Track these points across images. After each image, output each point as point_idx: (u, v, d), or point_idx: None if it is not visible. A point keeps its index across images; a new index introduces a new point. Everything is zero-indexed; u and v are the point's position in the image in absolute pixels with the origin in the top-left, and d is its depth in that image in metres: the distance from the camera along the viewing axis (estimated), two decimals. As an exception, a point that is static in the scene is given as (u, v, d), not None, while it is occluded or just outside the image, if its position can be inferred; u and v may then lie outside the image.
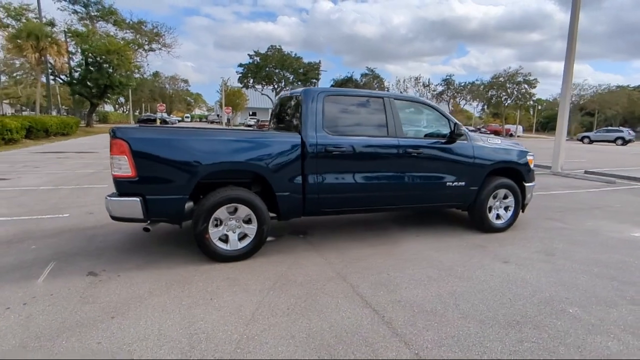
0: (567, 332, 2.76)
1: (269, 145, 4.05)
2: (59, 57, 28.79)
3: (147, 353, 2.41)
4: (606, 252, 4.49)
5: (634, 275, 3.83)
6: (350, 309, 3.05)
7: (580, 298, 3.30)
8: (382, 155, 4.49)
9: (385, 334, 2.69)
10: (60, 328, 2.67)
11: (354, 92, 4.88)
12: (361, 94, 4.80)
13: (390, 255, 4.30)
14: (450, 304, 3.15)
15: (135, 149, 3.57)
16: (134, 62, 37.80)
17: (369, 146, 4.42)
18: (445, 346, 2.56)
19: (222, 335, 2.63)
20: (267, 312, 2.96)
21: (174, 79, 73.87)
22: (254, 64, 29.48)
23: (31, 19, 30.70)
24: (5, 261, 3.88)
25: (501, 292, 3.40)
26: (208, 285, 3.43)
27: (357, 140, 4.37)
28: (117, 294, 3.22)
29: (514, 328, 2.80)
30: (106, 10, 35.88)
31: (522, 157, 5.30)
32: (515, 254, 4.39)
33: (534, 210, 6.61)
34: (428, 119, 5.02)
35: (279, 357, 2.41)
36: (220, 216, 3.91)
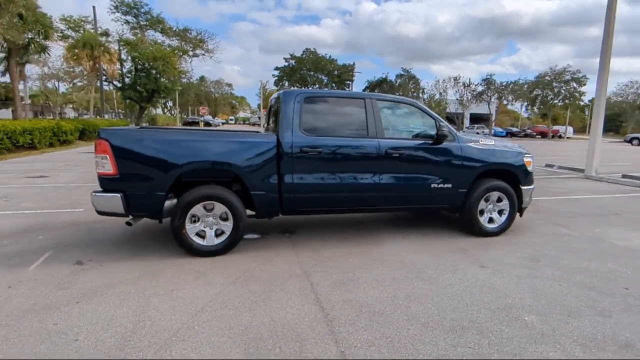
0: (510, 339, 2.65)
1: (244, 145, 4.20)
2: (111, 65, 30.95)
3: (91, 335, 2.62)
4: (600, 261, 4.19)
5: (618, 286, 3.56)
6: (298, 305, 3.11)
7: (543, 306, 3.13)
8: (361, 156, 4.49)
9: (321, 332, 2.73)
10: (29, 309, 2.97)
11: (334, 94, 4.93)
12: (342, 95, 4.86)
13: (366, 255, 4.29)
14: (401, 306, 3.12)
15: (116, 148, 3.86)
16: (179, 67, 39.79)
17: (346, 147, 4.45)
18: (375, 346, 2.56)
19: (165, 324, 2.79)
20: (217, 305, 3.10)
21: (219, 83, 76.88)
22: (289, 67, 30.06)
23: (89, 30, 33.36)
24: (12, 249, 4.32)
25: (461, 296, 3.31)
26: (176, 277, 3.63)
27: (333, 141, 4.41)
28: (91, 281, 3.50)
29: (456, 333, 2.73)
30: (154, 20, 38.06)
31: (517, 159, 5.05)
32: (497, 258, 4.22)
33: (543, 215, 6.26)
34: (415, 119, 4.93)
35: (207, 346, 2.53)
36: (197, 213, 4.11)
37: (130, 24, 38.46)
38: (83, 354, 2.42)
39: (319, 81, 30.40)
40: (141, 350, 2.46)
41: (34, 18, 19.87)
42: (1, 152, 14.05)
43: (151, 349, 2.48)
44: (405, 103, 5.02)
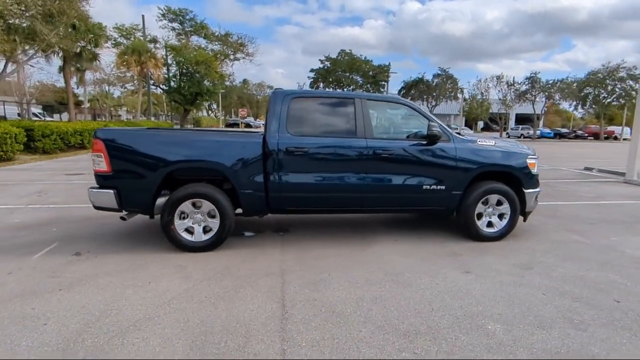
0: (463, 347, 2.54)
1: (231, 145, 4.32)
2: (156, 69, 32.65)
3: (59, 321, 2.82)
4: (602, 271, 3.87)
5: (609, 298, 3.27)
6: (261, 303, 3.15)
7: (514, 316, 2.95)
8: (348, 156, 4.45)
9: (271, 329, 2.75)
10: (17, 294, 3.24)
11: (323, 94, 4.93)
12: (331, 95, 4.83)
13: (350, 256, 4.25)
14: (363, 308, 3.07)
15: (110, 148, 4.11)
16: (220, 71, 41.29)
17: (333, 147, 4.43)
18: (318, 346, 2.55)
19: (130, 314, 2.94)
20: (185, 298, 3.21)
21: (260, 85, 78.75)
22: (324, 69, 30.19)
23: (139, 38, 35.52)
24: (26, 239, 4.72)
25: (430, 301, 3.20)
26: (158, 270, 3.80)
27: (319, 141, 4.41)
28: (81, 271, 3.75)
29: (407, 337, 2.65)
30: (198, 26, 39.82)
31: (519, 160, 4.77)
32: (487, 264, 4.02)
33: (560, 220, 5.87)
34: (408, 119, 4.81)
35: (157, 337, 2.64)
36: (185, 210, 4.28)
37: (176, 31, 40.56)
38: (45, 337, 2.61)
39: (353, 82, 30.25)
40: (96, 337, 2.62)
41: (85, 28, 21.47)
42: (54, 151, 15.31)
43: (106, 337, 2.62)
44: (398, 103, 4.91)
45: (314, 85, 31.86)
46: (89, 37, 21.82)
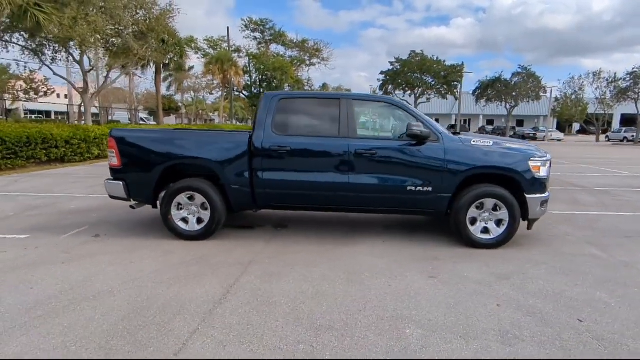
0: (364, 346, 2.50)
1: (219, 143, 4.67)
2: (237, 77, 35.19)
3: (42, 287, 3.37)
4: (592, 289, 3.39)
5: (573, 317, 2.88)
6: (210, 287, 3.40)
7: (443, 323, 2.78)
8: (330, 155, 4.50)
9: (201, 310, 2.98)
10: (29, 264, 3.93)
11: (309, 95, 5.06)
12: (317, 95, 4.96)
13: (325, 254, 4.30)
14: (297, 301, 3.14)
15: (120, 145, 4.74)
16: (296, 76, 42.99)
17: (314, 146, 4.52)
18: (229, 330, 2.71)
19: (97, 286, 3.41)
20: (149, 278, 3.59)
21: (339, 89, 79.93)
22: (393, 71, 29.60)
23: (224, 48, 38.67)
24: (68, 222, 5.62)
25: (368, 301, 3.15)
26: (147, 253, 4.27)
27: (301, 140, 4.54)
28: (88, 250, 4.39)
29: (316, 332, 2.68)
30: (277, 34, 41.94)
31: (517, 161, 4.35)
32: (459, 271, 3.78)
33: (590, 231, 5.21)
34: (397, 119, 4.68)
35: (99, 309, 3.04)
36: (181, 201, 4.73)
37: (257, 40, 43.23)
38: (25, 298, 3.17)
39: (423, 83, 29.15)
40: (59, 302, 3.10)
41: (173, 41, 24.11)
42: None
43: (66, 303, 3.09)
44: (386, 102, 4.80)
45: (383, 88, 31.49)
46: (176, 50, 24.49)
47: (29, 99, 40.47)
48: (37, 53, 18.81)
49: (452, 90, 29.13)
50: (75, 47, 16.92)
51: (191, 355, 2.42)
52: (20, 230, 5.14)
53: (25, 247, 4.46)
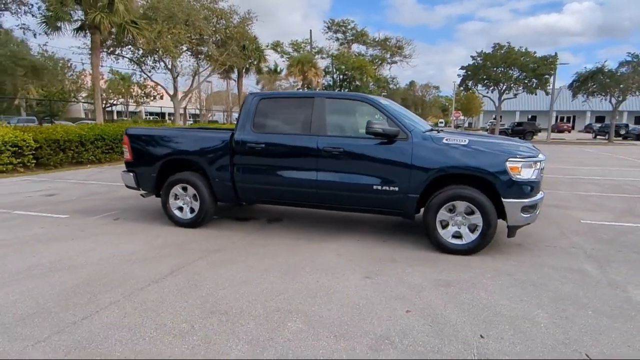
0: (237, 331, 2.63)
1: (205, 140, 5.09)
2: (316, 77, 36.24)
3: (39, 257, 4.12)
4: (539, 306, 2.98)
5: (476, 331, 2.61)
6: (159, 268, 3.77)
7: (330, 322, 2.76)
8: (300, 152, 4.60)
9: (138, 287, 3.38)
10: (46, 239, 4.78)
11: (288, 94, 5.19)
12: (294, 95, 5.07)
13: (291, 249, 4.40)
14: (218, 287, 3.37)
15: (131, 141, 5.46)
16: (378, 75, 42.59)
17: (285, 143, 4.67)
18: (142, 305, 3.06)
19: (80, 259, 4.04)
20: (121, 258, 4.10)
21: (427, 86, 76.96)
22: (473, 65, 27.35)
23: (308, 51, 40.16)
24: (105, 206, 6.58)
25: (277, 293, 3.24)
26: (141, 237, 4.86)
27: (274, 138, 4.72)
28: (100, 230, 5.16)
29: (207, 315, 2.88)
30: (359, 33, 42.04)
31: (491, 162, 3.93)
32: (402, 275, 3.61)
33: (600, 244, 4.47)
34: (370, 117, 4.55)
35: (68, 276, 3.63)
36: (177, 192, 5.28)
37: (339, 40, 43.83)
38: (22, 264, 3.93)
39: (507, 77, 26.35)
40: (42, 269, 3.78)
41: (253, 47, 25.86)
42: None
43: (44, 270, 3.76)
44: (359, 100, 4.69)
45: (463, 84, 29.37)
46: (255, 55, 26.25)
47: (144, 102, 46.97)
48: (138, 63, 21.81)
49: (543, 84, 26.00)
50: (164, 56, 19.22)
51: (93, 320, 2.81)
52: (66, 211, 6.22)
53: (58, 224, 5.42)
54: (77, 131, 12.73)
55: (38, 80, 33.71)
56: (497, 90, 27.83)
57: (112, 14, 15.28)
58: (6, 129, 11.43)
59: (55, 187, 8.54)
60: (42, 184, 8.89)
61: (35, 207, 6.51)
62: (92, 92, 47.39)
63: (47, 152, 11.62)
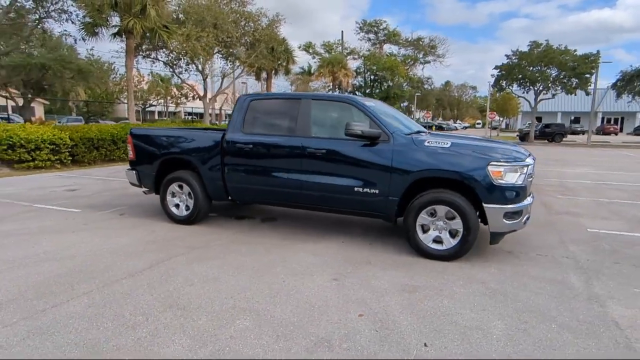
0: (187, 325, 2.71)
1: (199, 140, 5.25)
2: (345, 78, 36.17)
3: (37, 247, 4.41)
4: (499, 317, 2.85)
5: (423, 340, 2.52)
6: (139, 262, 3.93)
7: (279, 321, 2.78)
8: (285, 153, 4.64)
9: (105, 278, 3.54)
10: (52, 230, 5.11)
11: (277, 95, 5.22)
12: (282, 96, 5.09)
13: (272, 248, 4.42)
14: (183, 281, 3.47)
15: (134, 140, 5.72)
16: (411, 75, 41.94)
17: (271, 144, 4.73)
18: (107, 292, 3.21)
19: (72, 251, 4.28)
20: (111, 250, 4.31)
21: (463, 87, 74.88)
22: (508, 65, 26.09)
23: (339, 52, 40.21)
24: (115, 202, 6.92)
25: (238, 291, 3.29)
26: (137, 232, 5.07)
27: (261, 139, 4.79)
28: (103, 224, 5.43)
29: (160, 309, 2.97)
30: (391, 34, 41.56)
31: (471, 165, 3.78)
32: (371, 278, 3.56)
33: (599, 256, 4.16)
34: (355, 118, 4.51)
35: (56, 265, 3.87)
36: (174, 190, 5.47)
37: (371, 41, 43.57)
38: (21, 253, 4.22)
39: (544, 76, 24.89)
40: (36, 258, 4.04)
41: (282, 48, 26.24)
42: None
43: (37, 260, 4.02)
44: (342, 102, 4.65)
45: (497, 84, 28.09)
46: (284, 57, 26.65)
47: (180, 103, 48.78)
48: (171, 65, 22.73)
49: (583, 83, 24.41)
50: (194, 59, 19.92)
51: (61, 309, 2.99)
52: (79, 205, 6.60)
53: (67, 218, 5.77)
54: (110, 130, 13.47)
55: (85, 82, 35.84)
56: (532, 91, 26.53)
57: (144, 19, 16.04)
58: (46, 128, 12.29)
59: (80, 182, 9.09)
60: (70, 180, 9.49)
61: (54, 201, 6.96)
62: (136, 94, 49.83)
63: (81, 150, 12.39)
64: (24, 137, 11.04)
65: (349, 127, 4.11)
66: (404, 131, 4.33)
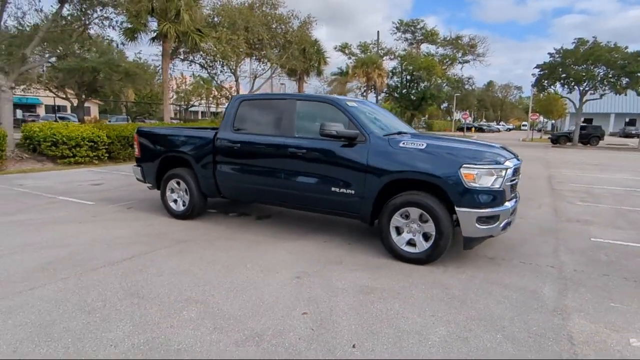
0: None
1: (192, 139, 5.46)
2: (379, 79, 35.77)
3: (41, 236, 4.80)
4: (441, 322, 2.75)
5: (353, 342, 2.49)
6: (125, 253, 4.17)
7: (212, 313, 2.86)
8: (269, 153, 4.73)
9: (87, 265, 3.80)
10: (61, 221, 5.52)
11: (266, 96, 5.33)
12: (270, 97, 5.23)
13: (254, 245, 4.53)
14: (155, 272, 3.65)
15: (140, 139, 6.04)
16: (449, 75, 40.75)
17: (257, 143, 4.83)
18: (76, 284, 3.44)
19: (70, 240, 4.61)
20: (106, 240, 4.61)
21: (507, 87, 71.54)
22: (549, 64, 24.44)
23: (374, 53, 39.88)
24: (128, 197, 7.34)
25: (195, 286, 3.41)
26: (137, 223, 5.37)
27: (247, 138, 4.91)
28: (109, 217, 5.79)
29: (122, 300, 3.13)
30: (428, 33, 40.62)
31: (442, 167, 3.66)
32: (333, 278, 3.56)
33: (590, 267, 3.88)
34: (337, 119, 4.49)
35: (45, 253, 4.19)
36: (172, 186, 5.73)
37: (408, 40, 42.81)
38: (24, 241, 4.61)
39: (589, 75, 23.07)
40: (36, 246, 4.39)
41: (314, 50, 26.44)
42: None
43: (36, 247, 4.37)
44: (324, 102, 4.64)
45: (538, 84, 26.41)
46: (316, 58, 26.84)
47: (220, 103, 50.42)
48: (206, 68, 23.58)
49: (634, 83, 22.38)
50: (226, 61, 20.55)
51: (35, 292, 3.25)
52: (96, 198, 7.05)
53: (80, 210, 6.21)
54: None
55: (131, 84, 37.92)
56: (577, 91, 24.85)
57: (178, 24, 16.79)
58: (85, 127, 13.22)
59: (107, 177, 9.69)
60: (99, 175, 10.14)
61: (76, 194, 7.49)
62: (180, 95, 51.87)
63: (117, 147, 13.20)
64: (65, 135, 11.94)
65: (323, 128, 4.12)
66: (382, 132, 4.28)
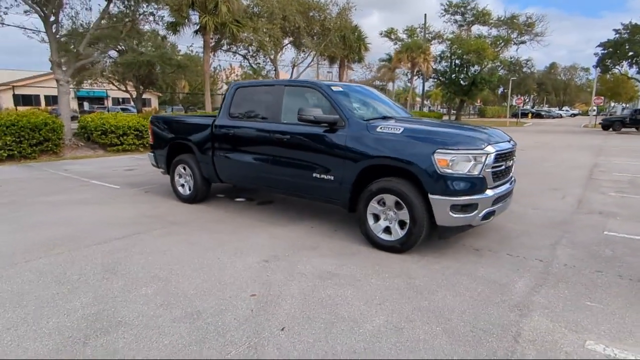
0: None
1: (193, 126, 5.65)
2: (425, 63, 34.42)
3: (59, 215, 5.26)
4: (383, 315, 2.65)
5: (280, 327, 2.49)
6: (120, 232, 4.48)
7: (168, 291, 2.99)
8: (258, 138, 4.80)
9: (82, 243, 4.11)
10: (82, 202, 6.00)
11: (260, 83, 5.35)
12: (262, 83, 5.24)
13: (243, 229, 4.65)
14: (140, 251, 3.87)
15: (153, 126, 6.37)
16: (502, 58, 38.22)
17: (248, 129, 4.91)
18: (65, 259, 3.75)
19: (83, 218, 5.02)
20: (112, 220, 4.95)
21: (573, 68, 65.54)
22: (614, 41, 21.80)
23: (420, 37, 38.39)
24: (152, 181, 7.78)
25: (166, 265, 3.56)
26: (145, 206, 5.72)
27: (240, 124, 4.99)
28: (125, 199, 6.20)
29: (95, 275, 3.37)
30: (479, 13, 38.27)
31: (417, 153, 3.47)
32: (299, 263, 3.56)
33: (591, 261, 3.52)
34: (319, 105, 4.41)
35: (52, 231, 4.59)
36: (179, 172, 6.01)
37: (458, 22, 40.61)
38: (41, 219, 5.09)
39: None
40: (46, 223, 4.84)
41: (354, 36, 26.03)
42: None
43: (47, 225, 4.81)
44: (308, 87, 4.57)
45: (601, 64, 23.77)
46: (356, 44, 26.39)
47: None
48: (248, 59, 24.10)
49: None
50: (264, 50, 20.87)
51: (29, 264, 3.59)
52: (122, 183, 7.56)
53: (103, 192, 6.71)
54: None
55: (183, 76, 39.77)
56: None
57: (216, 16, 17.29)
58: (132, 117, 14.16)
59: (141, 164, 10.31)
60: (135, 161, 10.84)
61: (108, 178, 8.08)
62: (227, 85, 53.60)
63: (160, 135, 14.03)
64: (113, 125, 12.89)
65: (300, 113, 4.09)
66: (364, 116, 4.16)
